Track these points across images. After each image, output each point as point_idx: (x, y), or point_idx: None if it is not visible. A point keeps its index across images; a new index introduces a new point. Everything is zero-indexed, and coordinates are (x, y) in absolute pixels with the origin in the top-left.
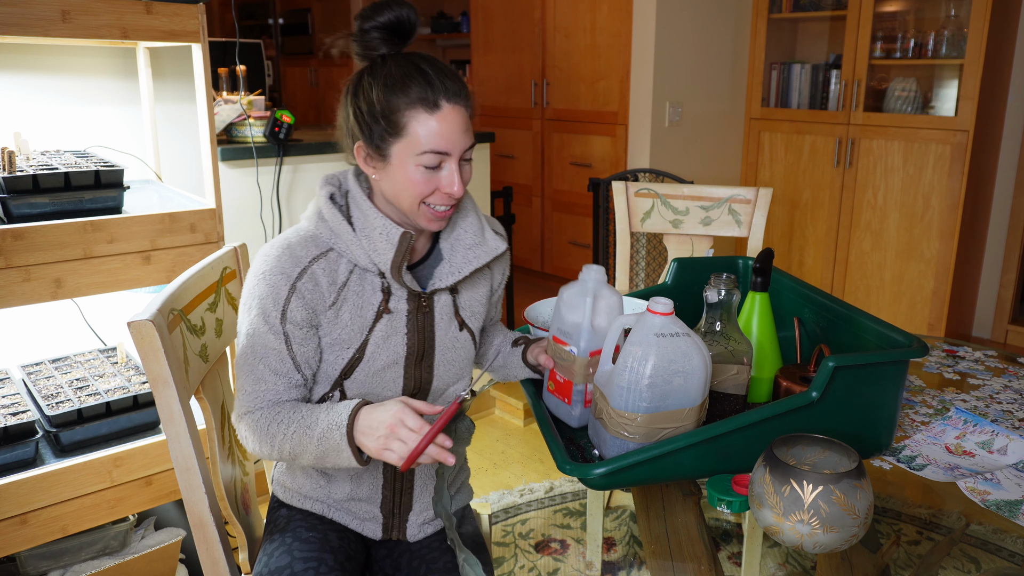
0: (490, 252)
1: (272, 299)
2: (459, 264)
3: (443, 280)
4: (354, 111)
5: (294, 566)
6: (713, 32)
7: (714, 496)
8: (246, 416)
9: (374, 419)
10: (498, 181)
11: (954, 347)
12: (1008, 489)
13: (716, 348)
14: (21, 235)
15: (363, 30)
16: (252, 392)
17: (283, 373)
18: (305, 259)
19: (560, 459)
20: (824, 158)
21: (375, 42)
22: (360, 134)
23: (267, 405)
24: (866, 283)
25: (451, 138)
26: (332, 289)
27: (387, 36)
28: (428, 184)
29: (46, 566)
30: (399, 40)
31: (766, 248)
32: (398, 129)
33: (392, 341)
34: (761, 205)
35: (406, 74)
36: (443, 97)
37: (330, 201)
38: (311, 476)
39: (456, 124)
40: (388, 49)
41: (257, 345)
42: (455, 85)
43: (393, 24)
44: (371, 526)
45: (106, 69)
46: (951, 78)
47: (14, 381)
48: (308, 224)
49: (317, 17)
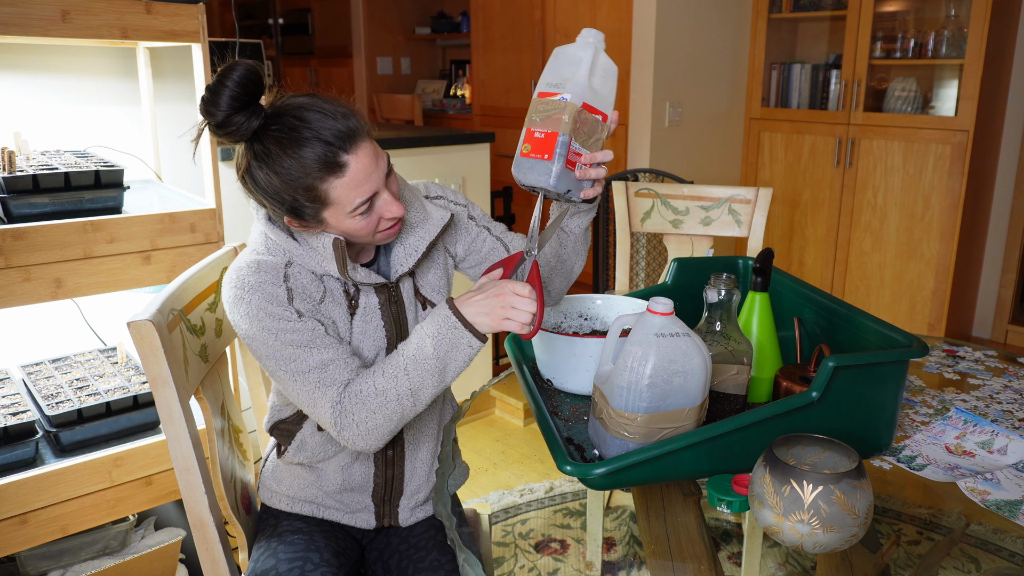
0: (437, 224)
1: (275, 302)
2: (413, 245)
3: (403, 265)
4: (265, 197)
5: (279, 567)
6: (713, 32)
7: (714, 496)
8: (342, 402)
9: (480, 305)
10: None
11: (954, 347)
12: (1008, 489)
13: (716, 348)
14: (21, 235)
15: (220, 124)
16: (327, 379)
17: (338, 346)
18: (280, 265)
19: (560, 459)
20: (824, 158)
21: (243, 125)
22: (284, 213)
23: (350, 379)
24: (866, 283)
25: (370, 180)
26: (314, 286)
27: (245, 109)
28: (370, 223)
29: (46, 566)
30: (254, 98)
31: (766, 248)
32: (320, 201)
33: (371, 336)
34: (761, 205)
35: (294, 142)
36: (341, 152)
37: (270, 222)
38: (299, 475)
39: (367, 165)
40: (257, 120)
41: (296, 341)
42: (342, 125)
43: (241, 93)
44: (363, 516)
45: (106, 69)
46: (951, 78)
47: (14, 381)
48: (255, 247)
49: (317, 17)
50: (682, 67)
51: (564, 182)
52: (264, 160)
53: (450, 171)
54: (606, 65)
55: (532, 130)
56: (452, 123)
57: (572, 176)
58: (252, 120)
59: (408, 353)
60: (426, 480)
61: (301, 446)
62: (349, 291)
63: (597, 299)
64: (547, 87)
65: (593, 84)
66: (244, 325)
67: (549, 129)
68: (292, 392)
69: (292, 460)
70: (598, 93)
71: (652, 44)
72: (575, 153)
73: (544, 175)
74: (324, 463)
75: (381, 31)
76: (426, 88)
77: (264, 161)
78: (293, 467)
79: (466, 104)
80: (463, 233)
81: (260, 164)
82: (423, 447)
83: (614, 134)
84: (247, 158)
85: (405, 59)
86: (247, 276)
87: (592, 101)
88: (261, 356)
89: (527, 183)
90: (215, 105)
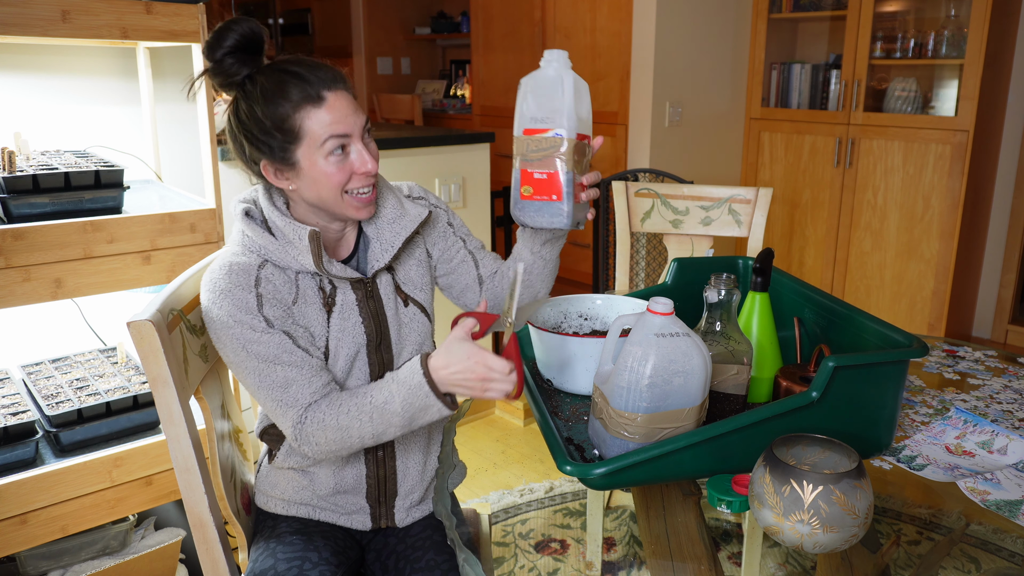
0: (414, 220)
1: (244, 310)
2: (389, 240)
3: (379, 260)
4: (245, 136)
5: (277, 567)
6: (713, 32)
7: (714, 496)
8: (303, 424)
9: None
10: (498, 181)
11: (954, 347)
12: (1008, 489)
13: (716, 348)
14: (21, 235)
15: (216, 61)
16: (289, 399)
17: (302, 364)
18: (253, 268)
19: (560, 459)
20: (824, 158)
21: (233, 67)
22: (261, 154)
23: (314, 402)
24: (866, 283)
25: (345, 121)
26: (286, 288)
27: (241, 57)
28: (342, 172)
29: (46, 566)
30: (253, 56)
31: (766, 248)
32: (294, 134)
33: (349, 333)
34: (761, 205)
35: (279, 81)
36: (322, 88)
37: (247, 218)
38: (292, 479)
39: (344, 107)
40: (248, 69)
41: (261, 354)
42: (329, 73)
43: (241, 44)
44: (359, 518)
45: (106, 69)
46: (951, 78)
47: (14, 381)
48: (232, 246)
49: (317, 17)
50: (682, 67)
51: (575, 216)
52: (250, 97)
53: (450, 171)
54: (580, 85)
55: (529, 171)
56: (452, 123)
57: (578, 206)
58: (244, 67)
59: (376, 402)
60: (420, 480)
61: (290, 451)
62: (325, 288)
63: (597, 299)
64: (533, 123)
65: (579, 111)
66: (216, 330)
67: (550, 169)
68: (257, 399)
69: (283, 464)
70: (582, 119)
71: (652, 44)
72: (577, 184)
73: (557, 216)
74: (315, 467)
75: (381, 31)
76: (426, 88)
77: (250, 98)
78: (285, 471)
79: (466, 104)
80: (440, 236)
81: (245, 99)
82: (414, 447)
83: (614, 134)
84: (235, 98)
85: (405, 59)
86: (219, 280)
87: (581, 128)
88: (230, 362)
89: (536, 225)
90: (217, 46)
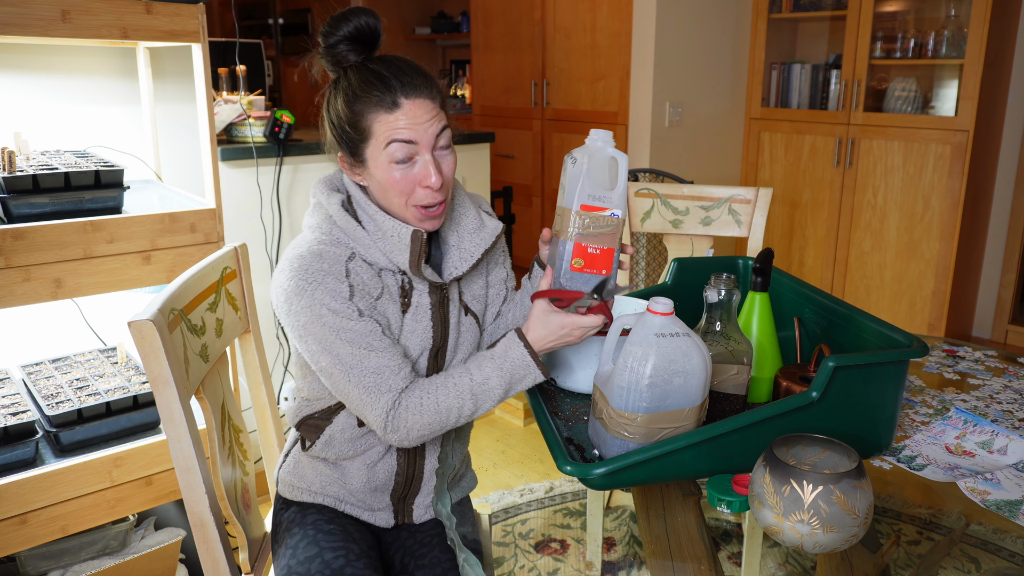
0: (492, 233)
1: (338, 298)
2: (469, 250)
3: (458, 268)
4: (329, 124)
5: (324, 555)
6: (713, 32)
7: (714, 496)
8: (397, 408)
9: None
10: (498, 181)
11: (954, 347)
12: (1008, 489)
13: (716, 348)
14: (21, 235)
15: (329, 45)
16: (383, 385)
17: (393, 351)
18: (342, 257)
19: (560, 459)
20: (824, 158)
21: (343, 54)
22: (338, 146)
23: (407, 387)
24: (866, 283)
25: (413, 128)
26: (372, 283)
27: (353, 46)
28: (406, 181)
29: (46, 566)
30: (365, 47)
31: (766, 248)
32: (365, 133)
33: (419, 335)
34: (761, 205)
35: (364, 81)
36: (400, 95)
37: (343, 211)
38: (322, 471)
39: (418, 116)
40: (356, 58)
41: (355, 341)
42: (414, 79)
43: (356, 34)
44: (383, 515)
45: (106, 69)
46: (951, 78)
47: (14, 381)
48: (318, 234)
49: (317, 17)
50: (682, 67)
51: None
52: (343, 89)
53: None
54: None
55: (584, 245)
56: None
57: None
58: (352, 55)
59: (476, 379)
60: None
61: (329, 442)
62: (405, 287)
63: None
64: (590, 200)
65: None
66: (302, 318)
67: (605, 246)
68: (341, 389)
69: (318, 455)
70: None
71: (652, 44)
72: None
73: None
74: (349, 461)
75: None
76: None
77: (343, 90)
78: (317, 463)
79: (466, 104)
80: (500, 253)
81: (337, 91)
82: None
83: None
84: (331, 85)
85: None
86: (311, 264)
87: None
88: (313, 351)
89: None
90: (332, 33)
